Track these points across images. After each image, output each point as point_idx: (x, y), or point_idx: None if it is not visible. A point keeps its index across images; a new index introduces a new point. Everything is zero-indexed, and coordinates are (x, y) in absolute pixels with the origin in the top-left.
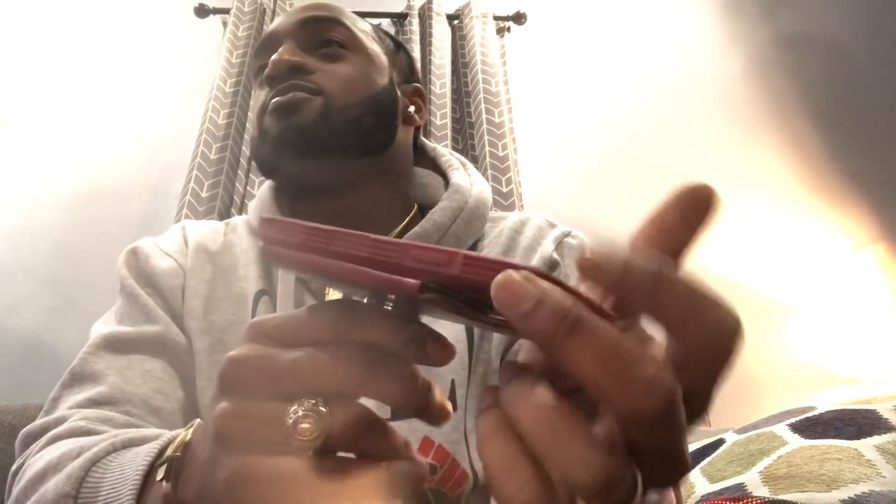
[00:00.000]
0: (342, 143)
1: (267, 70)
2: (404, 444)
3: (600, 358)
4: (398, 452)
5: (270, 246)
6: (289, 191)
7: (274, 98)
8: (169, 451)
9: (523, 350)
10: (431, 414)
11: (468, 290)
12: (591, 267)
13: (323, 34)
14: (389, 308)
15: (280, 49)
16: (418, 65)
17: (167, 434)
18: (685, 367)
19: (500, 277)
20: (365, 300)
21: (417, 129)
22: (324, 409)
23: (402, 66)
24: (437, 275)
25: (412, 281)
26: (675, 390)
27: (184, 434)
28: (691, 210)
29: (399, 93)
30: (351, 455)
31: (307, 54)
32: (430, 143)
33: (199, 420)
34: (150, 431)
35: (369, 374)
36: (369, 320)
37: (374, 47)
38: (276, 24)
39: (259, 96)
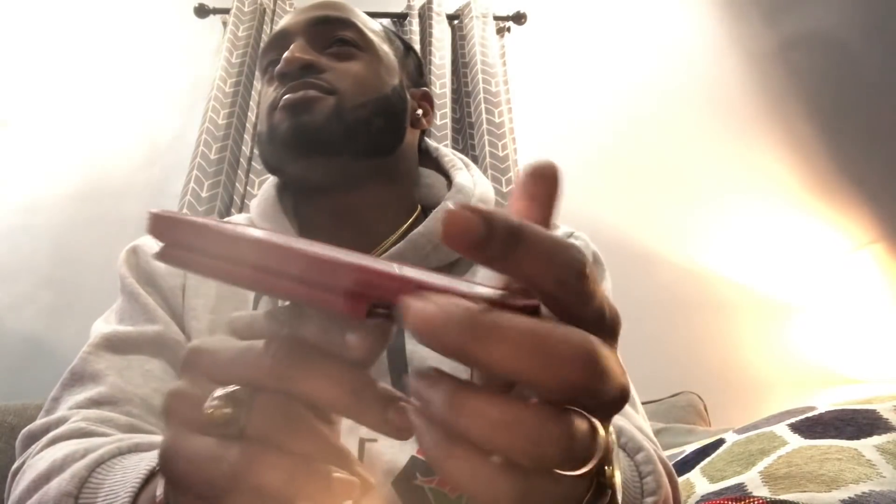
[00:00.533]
0: (352, 143)
1: (279, 67)
2: (341, 452)
3: (516, 352)
4: (332, 457)
5: (173, 251)
6: (293, 188)
7: (285, 95)
8: None
9: None
10: (388, 424)
11: None
12: (455, 233)
13: (334, 33)
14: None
15: (292, 46)
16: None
17: None
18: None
19: (408, 307)
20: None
21: (423, 131)
22: (244, 398)
23: (412, 68)
24: (384, 299)
25: (359, 306)
26: (595, 350)
27: None
28: (537, 189)
29: (408, 95)
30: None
31: (318, 53)
32: (432, 143)
33: None
34: (159, 438)
35: (298, 369)
36: (319, 370)
37: (385, 48)
38: (287, 21)
39: (268, 92)
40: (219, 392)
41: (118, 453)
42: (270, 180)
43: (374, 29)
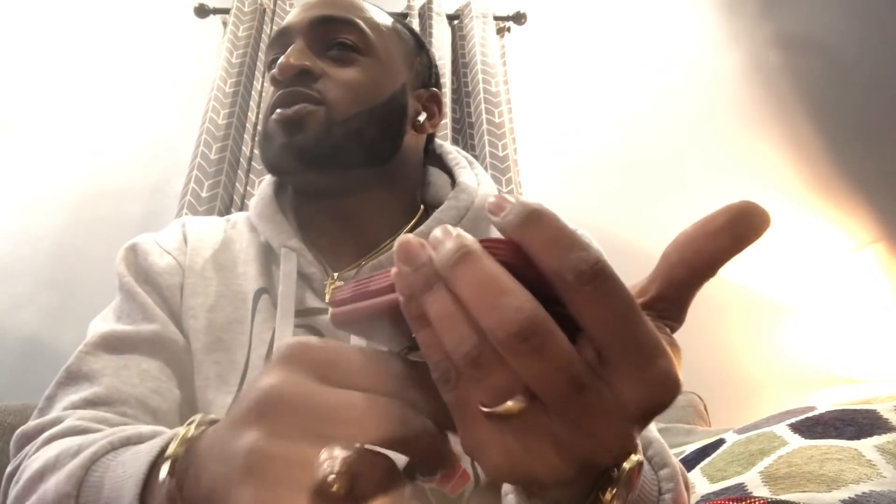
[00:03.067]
0: (344, 156)
1: (273, 71)
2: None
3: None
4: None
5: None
6: (293, 191)
7: (278, 107)
8: (171, 449)
9: None
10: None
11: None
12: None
13: (334, 35)
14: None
15: (288, 51)
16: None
17: (167, 432)
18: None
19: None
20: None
21: (431, 134)
22: (352, 461)
23: (420, 69)
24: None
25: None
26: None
27: (185, 430)
28: (742, 228)
29: (411, 99)
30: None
31: (316, 56)
32: (437, 141)
33: (199, 416)
34: (146, 429)
35: (406, 431)
36: (422, 386)
37: (391, 49)
38: (291, 17)
39: (268, 93)
40: (325, 456)
41: (111, 449)
42: (267, 180)
43: (381, 27)
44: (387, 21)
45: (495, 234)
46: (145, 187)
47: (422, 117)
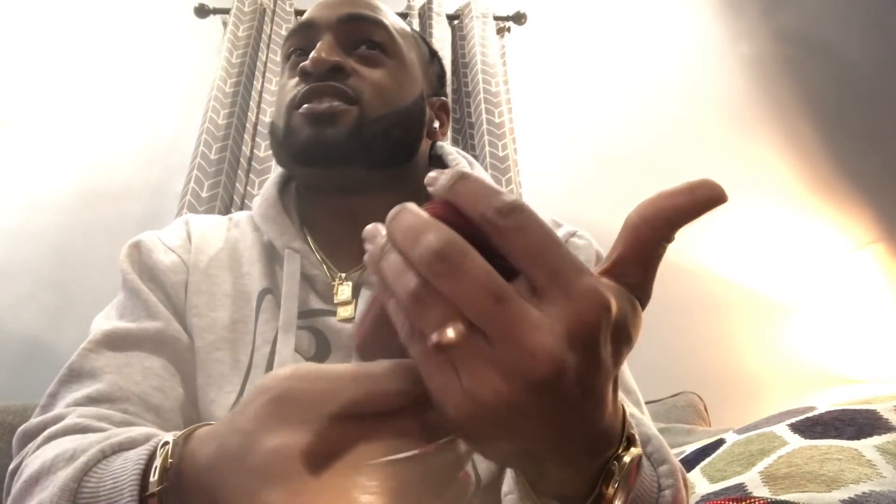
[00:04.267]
0: (368, 156)
1: (306, 65)
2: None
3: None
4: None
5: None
6: (300, 185)
7: (307, 101)
8: (158, 462)
9: None
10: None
11: None
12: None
13: (363, 34)
14: None
15: (319, 45)
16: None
17: (154, 438)
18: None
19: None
20: None
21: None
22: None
23: (433, 77)
24: None
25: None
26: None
27: (161, 460)
28: (700, 194)
29: (427, 106)
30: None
31: (345, 53)
32: (437, 143)
33: (171, 440)
34: (139, 433)
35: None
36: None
37: (411, 55)
38: (317, 12)
39: (288, 85)
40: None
41: (102, 457)
42: (271, 179)
43: (403, 32)
44: (406, 27)
45: None
46: (145, 187)
47: (436, 125)
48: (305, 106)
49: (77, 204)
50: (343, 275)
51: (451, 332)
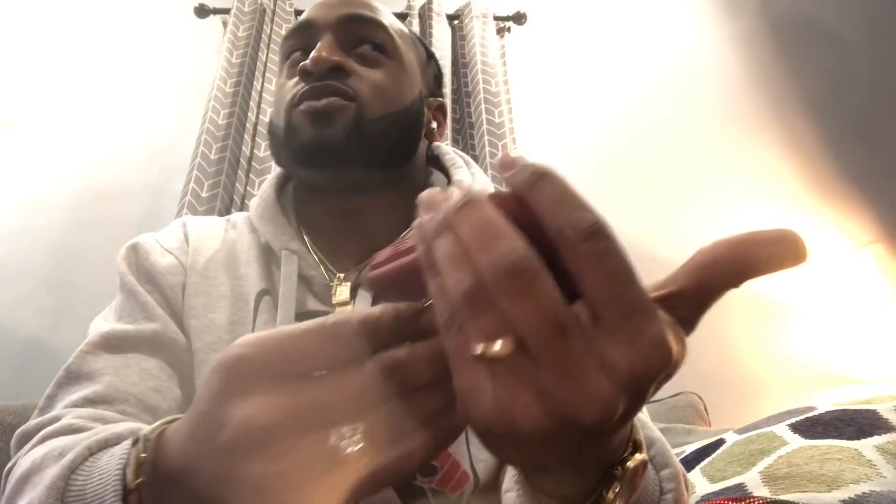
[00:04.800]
0: (368, 155)
1: (306, 64)
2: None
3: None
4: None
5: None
6: (299, 184)
7: (307, 100)
8: (131, 458)
9: None
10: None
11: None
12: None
13: (363, 34)
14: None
15: (319, 44)
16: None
17: (138, 432)
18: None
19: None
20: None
21: (431, 141)
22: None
23: (431, 78)
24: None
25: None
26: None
27: (135, 454)
28: (785, 249)
29: (425, 107)
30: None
31: (344, 53)
32: (434, 143)
33: (142, 433)
34: (124, 428)
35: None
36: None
37: (410, 56)
38: (315, 12)
39: (287, 85)
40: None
41: (88, 454)
42: (269, 180)
43: (401, 33)
44: (404, 28)
45: None
46: (145, 187)
47: (433, 126)
48: (305, 103)
49: (77, 204)
50: (342, 275)
51: (499, 347)
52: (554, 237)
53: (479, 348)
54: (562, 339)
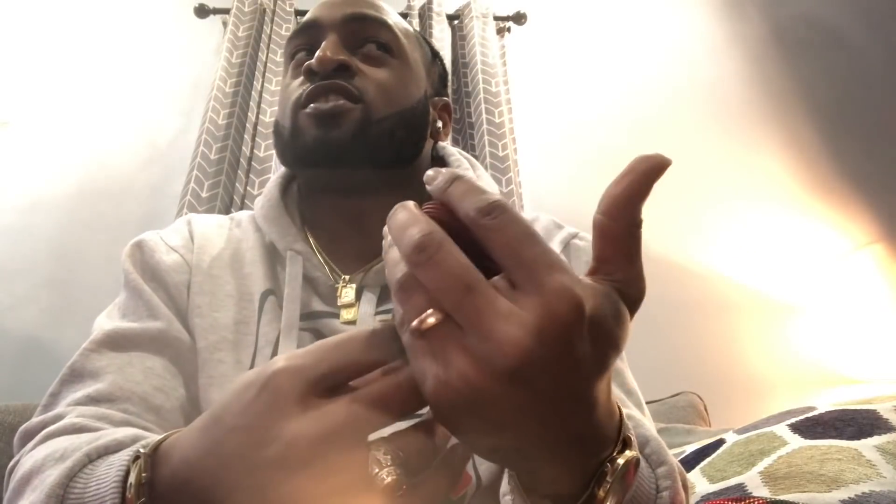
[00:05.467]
0: (374, 155)
1: (311, 64)
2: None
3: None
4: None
5: None
6: (304, 185)
7: (313, 101)
8: (132, 478)
9: None
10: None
11: None
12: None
13: (368, 34)
14: None
15: (324, 44)
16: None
17: (139, 442)
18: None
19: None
20: None
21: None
22: (394, 452)
23: (436, 78)
24: None
25: None
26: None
27: (135, 474)
28: (641, 170)
29: (430, 107)
30: None
31: (350, 52)
32: (439, 144)
33: (163, 439)
34: (125, 434)
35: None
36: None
37: (415, 55)
38: (320, 12)
39: (292, 85)
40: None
41: (87, 461)
42: (273, 180)
43: (406, 32)
44: (409, 27)
45: None
46: (145, 187)
47: (438, 125)
48: (311, 105)
49: (77, 203)
50: (347, 277)
51: (430, 320)
52: (466, 222)
53: (413, 324)
54: (469, 295)
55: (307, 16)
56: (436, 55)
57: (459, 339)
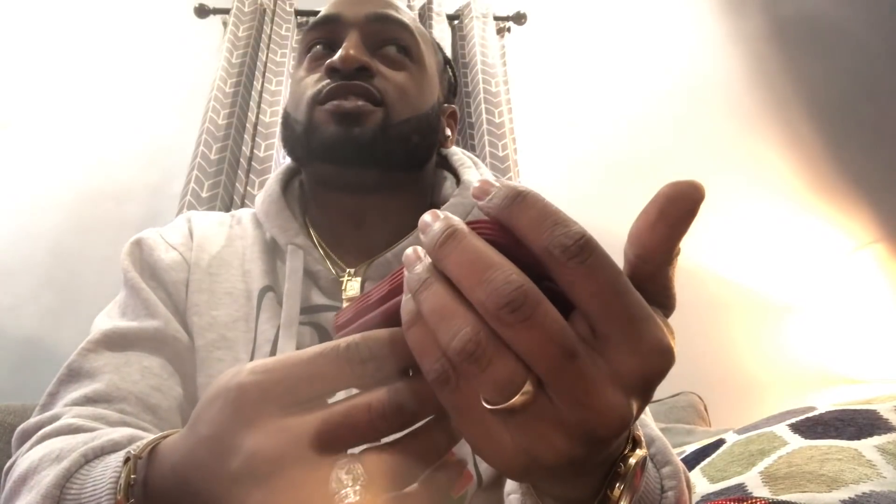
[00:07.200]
0: (390, 158)
1: (334, 62)
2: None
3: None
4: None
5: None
6: (310, 180)
7: (334, 98)
8: (121, 480)
9: None
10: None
11: None
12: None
13: (389, 35)
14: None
15: (346, 43)
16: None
17: (135, 443)
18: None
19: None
20: None
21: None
22: (359, 472)
23: (446, 85)
24: None
25: None
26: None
27: (126, 473)
28: (673, 217)
29: (440, 114)
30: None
31: (371, 53)
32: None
33: (156, 440)
34: (121, 435)
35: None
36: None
37: (431, 61)
38: (341, 7)
39: (308, 79)
40: (335, 478)
41: (84, 462)
42: (274, 176)
43: (424, 36)
44: (425, 31)
45: None
46: (145, 187)
47: (447, 132)
48: (333, 102)
49: (77, 204)
50: (352, 270)
51: (518, 399)
52: (541, 257)
53: (495, 401)
54: (572, 363)
55: (328, 8)
56: (448, 62)
57: (550, 409)
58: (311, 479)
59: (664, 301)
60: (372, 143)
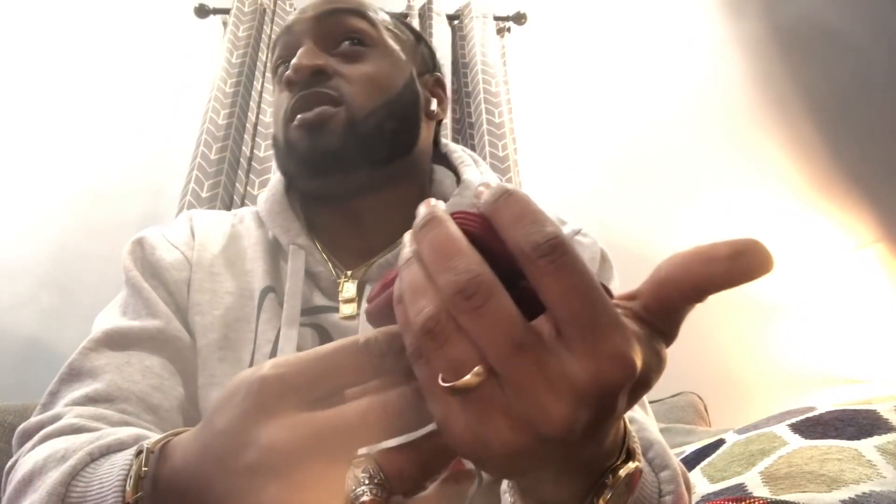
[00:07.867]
0: (368, 155)
1: (287, 73)
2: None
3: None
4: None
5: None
6: (309, 194)
7: (298, 112)
8: (132, 472)
9: None
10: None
11: None
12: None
13: (342, 28)
14: None
15: (299, 52)
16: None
17: (142, 441)
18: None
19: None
20: None
21: (439, 123)
22: (375, 471)
23: (423, 56)
24: None
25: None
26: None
27: (136, 467)
28: (742, 264)
29: (420, 87)
30: None
31: (327, 53)
32: (443, 141)
33: (169, 436)
34: (127, 434)
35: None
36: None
37: (394, 42)
38: (294, 18)
39: (280, 99)
40: (352, 478)
41: (90, 460)
42: (277, 177)
43: (383, 20)
44: (385, 16)
45: None
46: (145, 187)
47: (433, 104)
48: (298, 117)
49: (77, 204)
50: (349, 272)
51: (469, 379)
52: (515, 253)
53: (447, 379)
54: (520, 356)
55: (284, 25)
56: (419, 38)
57: (500, 396)
58: (327, 475)
59: (667, 330)
60: (342, 145)
